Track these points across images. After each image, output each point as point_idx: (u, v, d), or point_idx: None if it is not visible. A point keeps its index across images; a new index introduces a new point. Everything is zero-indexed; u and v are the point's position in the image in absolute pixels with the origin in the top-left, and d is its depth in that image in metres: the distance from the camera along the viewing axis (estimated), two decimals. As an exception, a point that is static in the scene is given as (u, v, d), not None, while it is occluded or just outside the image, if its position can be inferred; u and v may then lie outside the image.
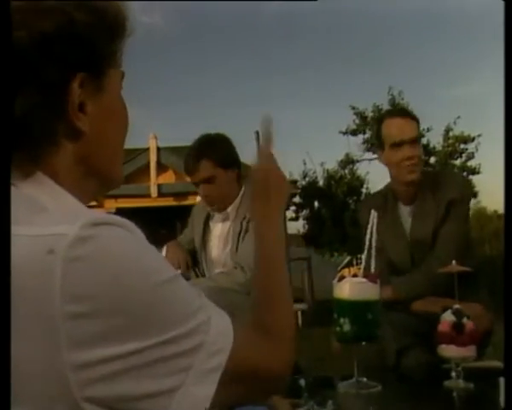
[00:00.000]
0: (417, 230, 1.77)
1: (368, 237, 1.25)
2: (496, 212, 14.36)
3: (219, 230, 2.03)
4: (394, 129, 1.76)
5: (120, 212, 9.78)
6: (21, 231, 0.48)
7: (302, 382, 1.34)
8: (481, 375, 1.32)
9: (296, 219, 15.14)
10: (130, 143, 0.70)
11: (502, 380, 1.29)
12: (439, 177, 1.81)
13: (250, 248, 1.88)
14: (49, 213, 0.51)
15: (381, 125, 1.83)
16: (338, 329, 1.21)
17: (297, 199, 14.54)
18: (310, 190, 14.77)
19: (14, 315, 0.46)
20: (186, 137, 2.05)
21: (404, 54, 25.93)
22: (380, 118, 1.89)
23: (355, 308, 1.20)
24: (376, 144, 1.91)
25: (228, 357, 0.55)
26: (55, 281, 0.45)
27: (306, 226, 15.10)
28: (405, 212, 1.83)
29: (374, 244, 1.24)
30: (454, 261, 1.37)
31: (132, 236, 0.52)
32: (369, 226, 1.26)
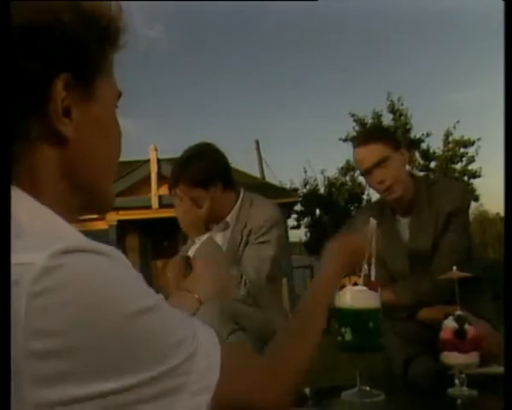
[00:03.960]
0: (416, 241, 1.77)
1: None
2: (498, 214, 14.34)
3: (220, 240, 1.97)
4: (359, 158, 1.78)
5: (122, 224, 9.79)
6: None
7: (307, 391, 1.34)
8: (485, 382, 1.31)
9: (298, 227, 15.13)
10: (130, 155, 0.71)
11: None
12: (434, 186, 1.79)
13: (253, 261, 1.86)
14: (22, 237, 0.48)
15: (353, 155, 1.85)
16: (340, 338, 1.21)
17: (298, 207, 14.53)
18: (311, 198, 14.76)
19: None
20: (186, 148, 2.04)
21: (402, 60, 26.06)
22: (353, 146, 1.88)
23: (356, 317, 1.19)
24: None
25: (213, 393, 0.52)
26: (19, 316, 0.42)
27: (308, 234, 15.08)
28: (403, 223, 1.82)
29: (374, 252, 1.24)
30: (455, 267, 1.37)
31: (109, 262, 0.48)
32: (369, 235, 1.25)
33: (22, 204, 0.52)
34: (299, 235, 15.93)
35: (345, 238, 1.00)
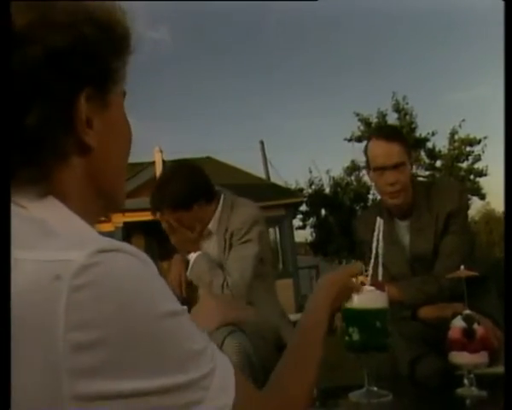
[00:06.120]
0: (417, 245, 1.76)
1: (374, 244, 1.24)
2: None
3: (204, 247, 1.97)
4: (378, 153, 1.72)
5: (128, 225, 9.81)
6: (29, 256, 0.47)
7: (314, 391, 1.33)
8: (495, 382, 1.30)
9: (303, 227, 15.12)
10: (135, 157, 0.70)
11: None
12: (432, 188, 1.77)
13: (235, 262, 1.84)
14: (58, 238, 0.50)
15: (368, 144, 1.79)
16: (347, 338, 1.20)
17: (304, 207, 14.52)
18: (316, 198, 14.74)
19: (17, 341, 0.44)
20: (191, 150, 2.05)
21: (407, 59, 26.01)
22: (369, 135, 1.81)
23: (364, 317, 1.18)
24: (365, 162, 1.87)
25: None
26: (60, 308, 0.44)
27: (314, 234, 15.06)
28: (402, 227, 1.81)
29: (380, 252, 1.23)
30: (462, 266, 1.36)
31: (140, 264, 0.50)
32: (375, 234, 1.24)
33: (54, 210, 0.55)
34: (304, 235, 15.95)
35: (335, 273, 1.05)
